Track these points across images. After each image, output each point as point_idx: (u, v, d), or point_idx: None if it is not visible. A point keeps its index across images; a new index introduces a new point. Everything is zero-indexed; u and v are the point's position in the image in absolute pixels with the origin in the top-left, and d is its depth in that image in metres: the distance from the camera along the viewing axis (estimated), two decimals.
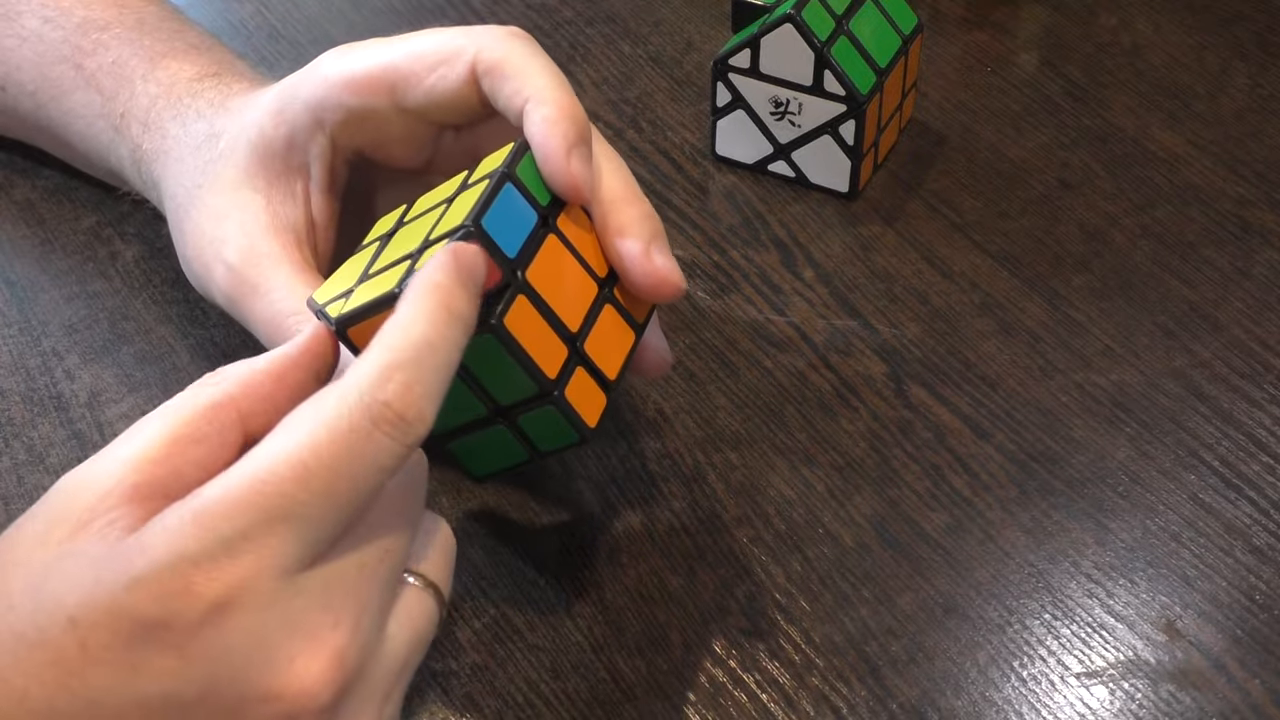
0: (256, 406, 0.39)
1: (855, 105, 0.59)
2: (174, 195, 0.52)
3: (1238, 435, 0.53)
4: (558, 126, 0.43)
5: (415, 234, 0.43)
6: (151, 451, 0.38)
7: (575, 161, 0.43)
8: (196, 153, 0.51)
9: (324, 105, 0.48)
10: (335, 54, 0.48)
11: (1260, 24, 0.72)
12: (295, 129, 0.49)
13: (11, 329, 0.57)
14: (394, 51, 0.47)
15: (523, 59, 0.45)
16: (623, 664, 0.46)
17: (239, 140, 0.50)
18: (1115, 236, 0.61)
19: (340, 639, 0.36)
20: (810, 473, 0.52)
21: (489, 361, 0.42)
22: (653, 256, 0.44)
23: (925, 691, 0.46)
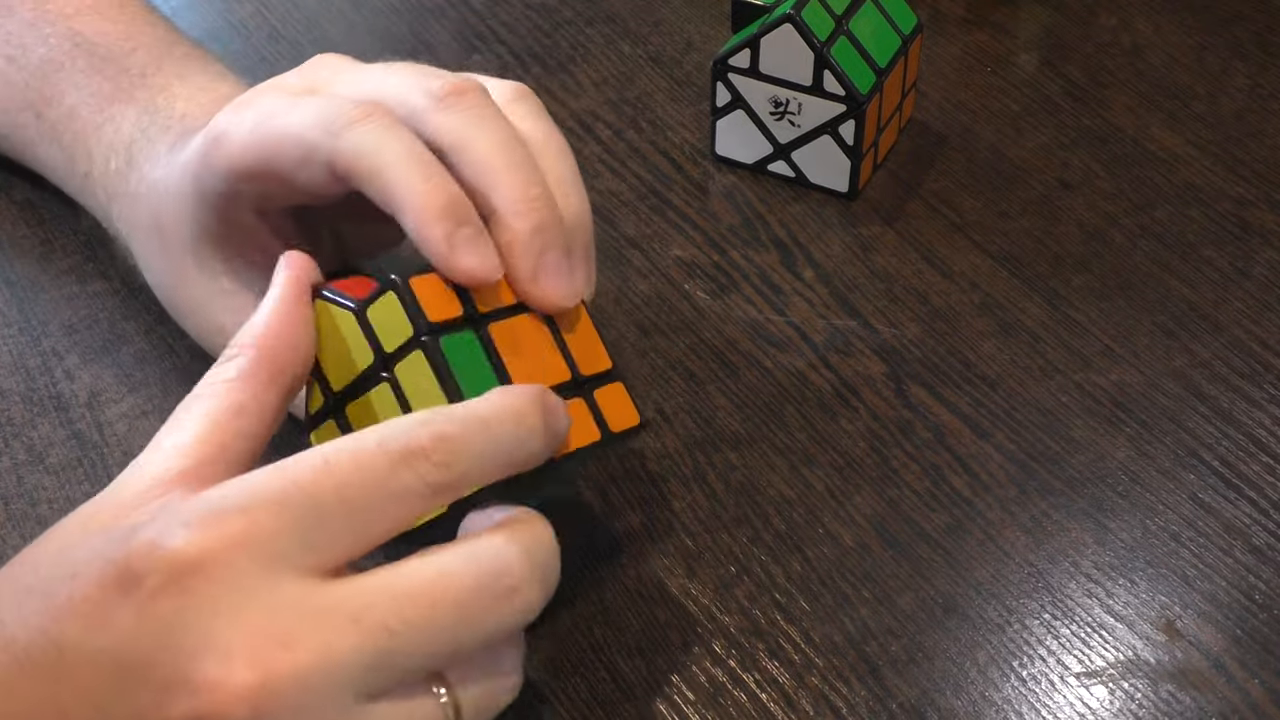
0: (284, 358, 0.40)
1: (855, 105, 0.59)
2: (156, 285, 0.52)
3: (1238, 435, 0.53)
4: (429, 231, 0.41)
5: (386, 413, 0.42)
6: (195, 434, 0.38)
7: (460, 259, 0.41)
8: (150, 241, 0.51)
9: (229, 192, 0.46)
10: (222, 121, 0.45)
11: (1260, 24, 0.72)
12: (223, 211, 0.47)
13: (11, 329, 0.57)
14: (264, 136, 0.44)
15: (372, 155, 0.42)
16: (623, 664, 0.46)
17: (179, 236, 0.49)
18: (1115, 236, 0.61)
19: (283, 662, 0.34)
20: (810, 473, 0.52)
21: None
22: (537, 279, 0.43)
23: (925, 691, 0.46)
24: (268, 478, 0.36)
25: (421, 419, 0.38)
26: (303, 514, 0.35)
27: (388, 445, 0.37)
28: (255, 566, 0.35)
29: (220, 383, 0.39)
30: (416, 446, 0.37)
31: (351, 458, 0.36)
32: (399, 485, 0.36)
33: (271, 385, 0.40)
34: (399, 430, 0.37)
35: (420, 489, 0.37)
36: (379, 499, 0.36)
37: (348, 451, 0.37)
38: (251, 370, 0.39)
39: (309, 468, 0.36)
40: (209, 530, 0.35)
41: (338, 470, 0.36)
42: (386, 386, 0.42)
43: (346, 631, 0.35)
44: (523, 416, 0.39)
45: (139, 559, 0.35)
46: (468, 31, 0.71)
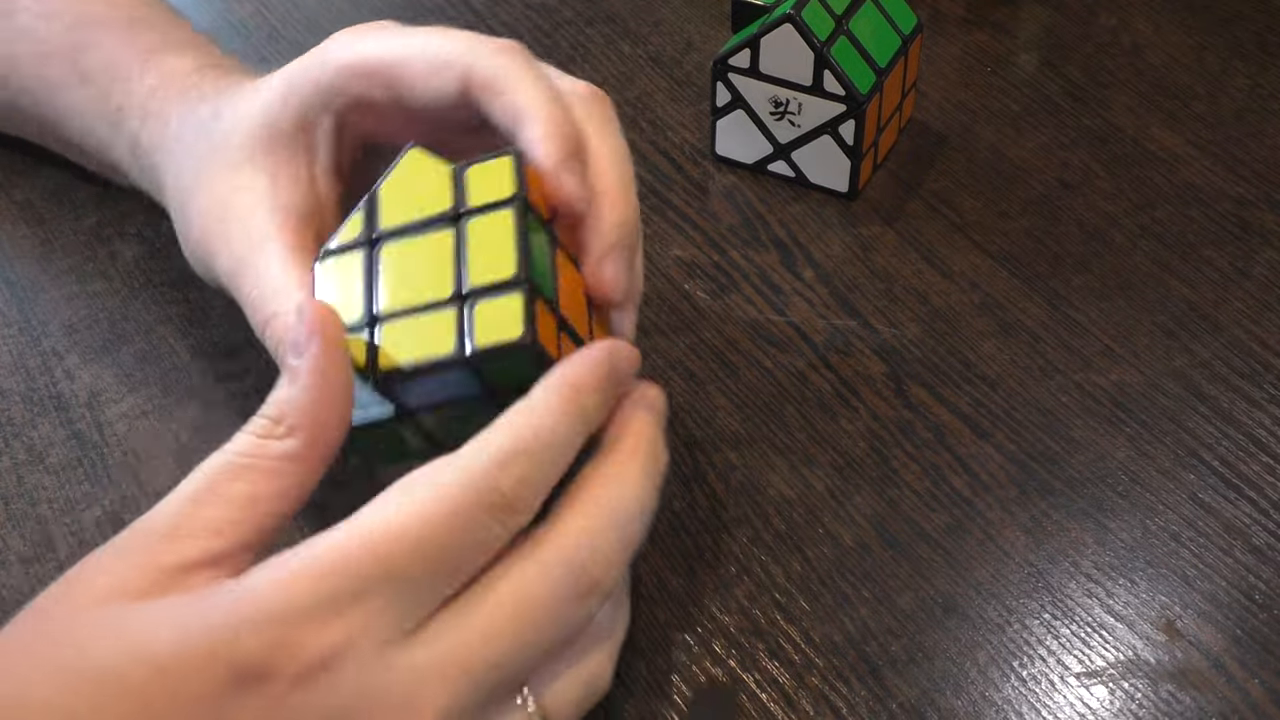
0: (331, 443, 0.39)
1: (855, 105, 0.59)
2: (177, 178, 0.52)
3: (1238, 435, 0.53)
4: (551, 142, 0.43)
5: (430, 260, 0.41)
6: (236, 515, 0.37)
7: (565, 176, 0.43)
8: (199, 136, 0.51)
9: (331, 89, 0.48)
10: (343, 38, 0.48)
11: (1260, 24, 0.72)
12: (303, 110, 0.48)
13: (11, 329, 0.57)
14: (395, 47, 0.47)
15: (515, 75, 0.45)
16: (623, 664, 0.46)
17: (244, 122, 0.49)
18: (1115, 236, 0.61)
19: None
20: (810, 473, 0.52)
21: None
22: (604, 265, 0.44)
23: (925, 691, 0.46)
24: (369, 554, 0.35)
25: (498, 459, 0.37)
26: (408, 590, 0.36)
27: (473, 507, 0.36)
28: (373, 646, 0.35)
29: (269, 459, 0.38)
30: (500, 500, 0.37)
31: (443, 523, 0.36)
32: (488, 538, 0.37)
33: (318, 470, 0.39)
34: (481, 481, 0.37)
35: (504, 535, 0.37)
36: (472, 554, 0.37)
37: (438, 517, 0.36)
38: (303, 455, 0.38)
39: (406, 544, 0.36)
40: (331, 626, 0.35)
41: (434, 541, 0.36)
42: (448, 235, 0.41)
43: (460, 682, 0.36)
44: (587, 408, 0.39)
45: (262, 654, 0.34)
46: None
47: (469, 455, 0.37)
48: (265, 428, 0.38)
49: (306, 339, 0.39)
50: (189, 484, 0.38)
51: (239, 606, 0.35)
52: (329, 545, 0.36)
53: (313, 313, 0.40)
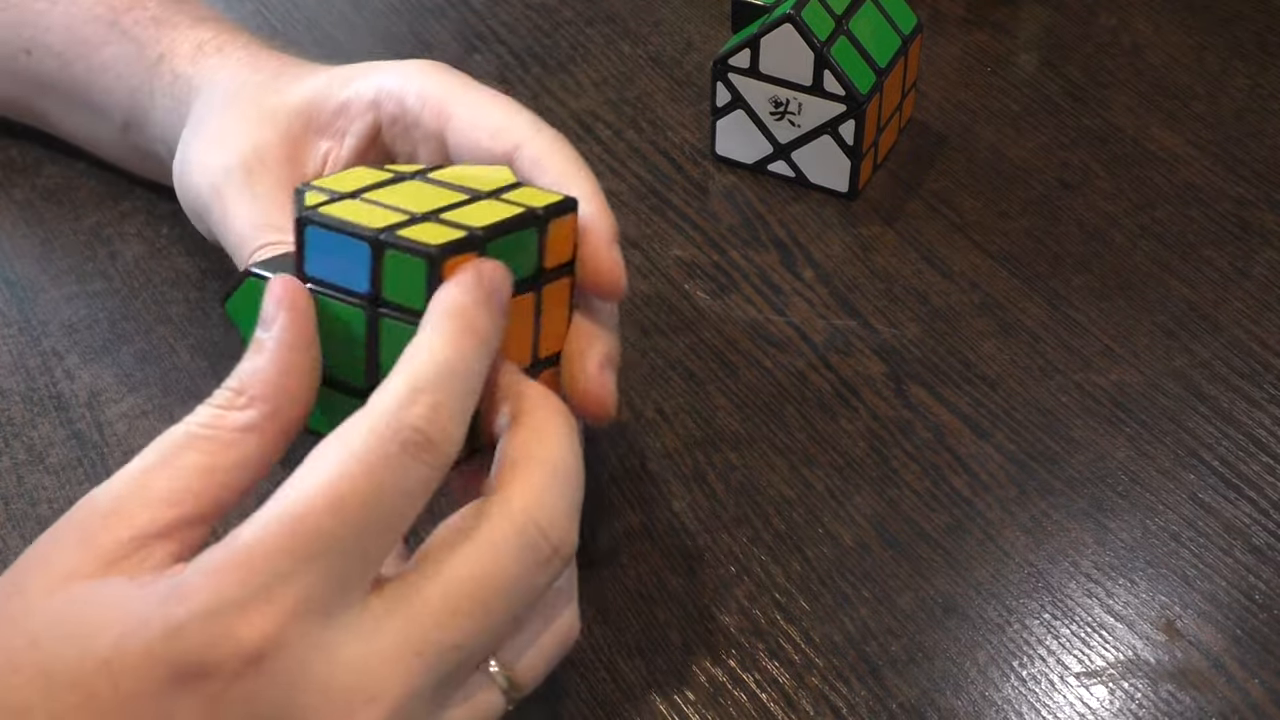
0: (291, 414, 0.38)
1: (855, 105, 0.59)
2: (216, 86, 0.53)
3: (1237, 435, 0.53)
4: (605, 219, 0.44)
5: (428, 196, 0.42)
6: (189, 486, 0.36)
7: (615, 254, 0.44)
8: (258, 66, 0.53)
9: (391, 95, 0.49)
10: (421, 65, 0.50)
11: (1260, 24, 0.72)
12: (353, 99, 0.50)
13: (11, 329, 0.57)
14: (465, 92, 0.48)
15: (567, 161, 0.46)
16: (623, 664, 0.46)
17: (296, 83, 0.51)
18: (1115, 236, 0.61)
19: (375, 715, 0.35)
20: (810, 473, 0.52)
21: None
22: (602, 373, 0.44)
23: (925, 691, 0.46)
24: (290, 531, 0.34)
25: (400, 397, 0.36)
26: (339, 558, 0.35)
27: (389, 450, 0.35)
28: (314, 627, 0.34)
29: (227, 430, 0.37)
30: (414, 435, 0.35)
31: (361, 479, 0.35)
32: (413, 481, 0.36)
33: (278, 443, 0.38)
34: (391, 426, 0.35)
35: (432, 474, 0.36)
36: (401, 505, 0.36)
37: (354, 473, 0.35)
38: (263, 426, 0.37)
39: (325, 509, 0.34)
40: (263, 616, 0.34)
41: (352, 499, 0.35)
42: None
43: (416, 666, 0.35)
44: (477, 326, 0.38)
45: (197, 652, 0.34)
46: (468, 31, 0.71)
47: (370, 404, 0.36)
48: (227, 399, 0.38)
49: (274, 311, 0.39)
50: (141, 456, 0.37)
51: (173, 603, 0.34)
52: (251, 531, 0.35)
53: (281, 286, 0.39)
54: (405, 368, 0.37)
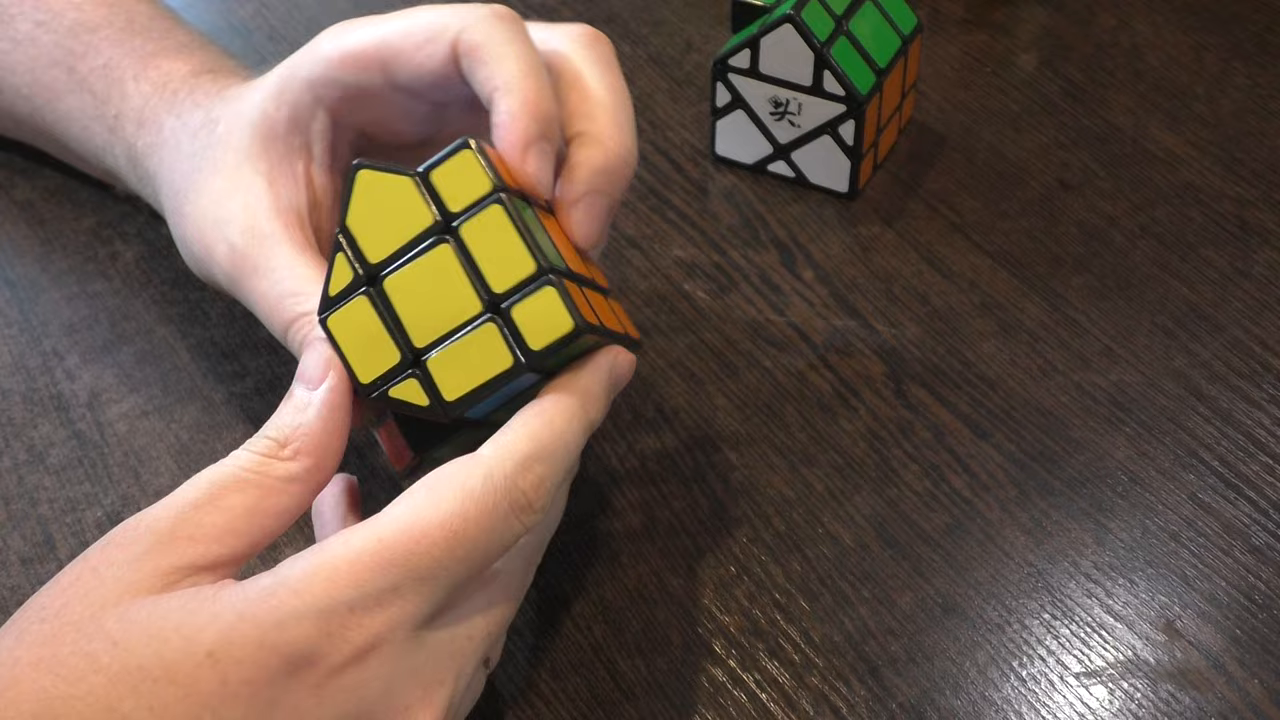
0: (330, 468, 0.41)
1: (855, 105, 0.59)
2: (171, 182, 0.52)
3: (1237, 435, 0.53)
4: (518, 122, 0.42)
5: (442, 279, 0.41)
6: (234, 524, 0.39)
7: (531, 160, 0.42)
8: (194, 139, 0.51)
9: (323, 82, 0.48)
10: (332, 31, 0.48)
11: (1260, 24, 0.72)
12: (297, 108, 0.48)
13: (12, 329, 0.57)
14: (387, 28, 0.47)
15: (501, 44, 0.44)
16: (623, 664, 0.47)
17: (239, 123, 0.50)
18: (1115, 236, 0.61)
19: (443, 698, 0.40)
20: (810, 473, 0.52)
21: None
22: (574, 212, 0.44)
23: (925, 691, 0.46)
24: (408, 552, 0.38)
25: (521, 463, 0.39)
26: (440, 584, 0.38)
27: (501, 507, 0.39)
28: (408, 636, 0.38)
29: (272, 478, 0.40)
30: (523, 499, 0.39)
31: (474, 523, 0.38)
32: (510, 536, 0.39)
33: (313, 494, 0.41)
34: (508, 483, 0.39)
35: (522, 530, 0.40)
36: (497, 552, 0.39)
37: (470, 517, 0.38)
38: (305, 479, 0.40)
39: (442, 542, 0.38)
40: (373, 618, 0.37)
41: (465, 540, 0.38)
42: (447, 248, 0.41)
43: (469, 651, 0.40)
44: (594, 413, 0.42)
45: (309, 643, 0.37)
46: None
47: (494, 460, 0.39)
48: (270, 448, 0.40)
49: (321, 372, 0.42)
50: (191, 490, 0.39)
51: (285, 599, 0.37)
52: (367, 540, 0.38)
53: (323, 349, 0.42)
54: (528, 433, 0.40)
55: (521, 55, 0.44)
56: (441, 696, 0.39)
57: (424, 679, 0.39)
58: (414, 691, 0.39)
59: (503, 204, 0.40)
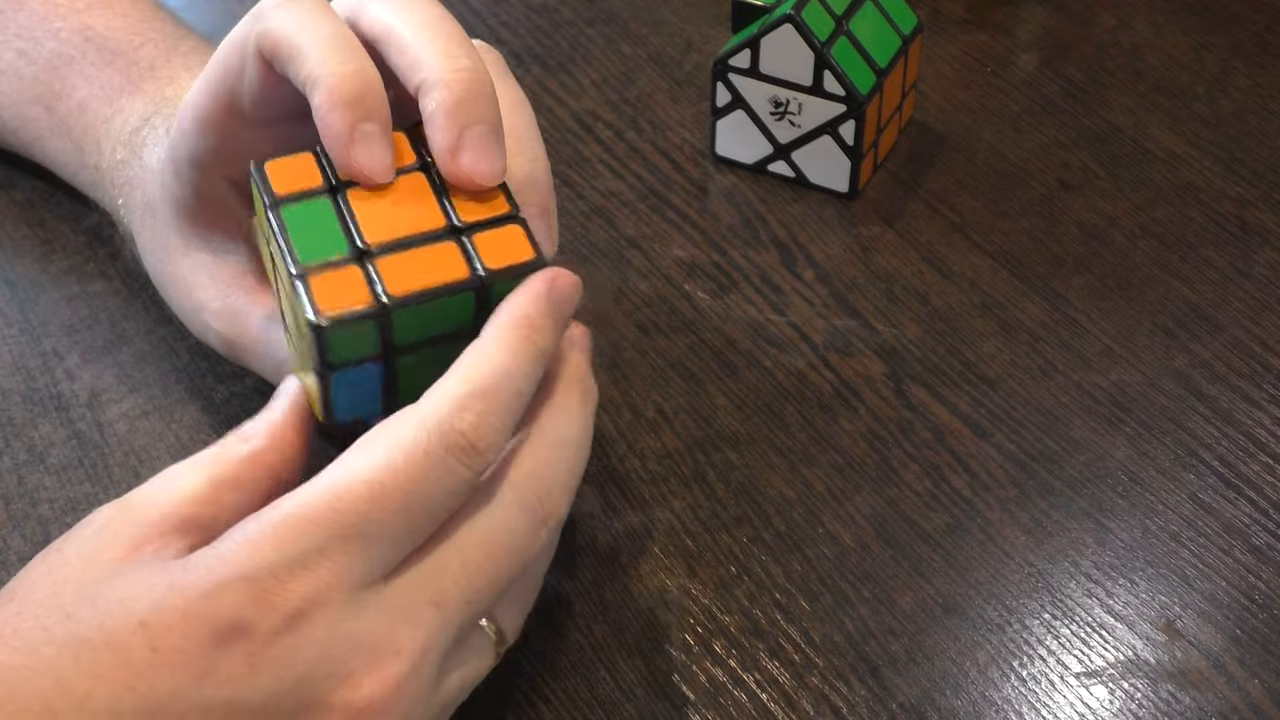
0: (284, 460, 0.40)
1: (855, 105, 0.59)
2: (149, 266, 0.53)
3: (1237, 435, 0.53)
4: (329, 115, 0.40)
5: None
6: (196, 492, 0.39)
7: (357, 152, 0.40)
8: (144, 222, 0.51)
9: (199, 153, 0.46)
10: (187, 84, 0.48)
11: (1260, 24, 0.72)
12: (196, 183, 0.47)
13: (12, 329, 0.57)
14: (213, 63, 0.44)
15: (290, 32, 0.41)
16: (623, 664, 0.47)
17: (163, 207, 0.50)
18: (1115, 236, 0.61)
19: (401, 667, 0.37)
20: (810, 473, 0.52)
21: None
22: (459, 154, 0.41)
23: (925, 691, 0.46)
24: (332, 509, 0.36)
25: (455, 402, 0.37)
26: (371, 542, 0.37)
27: (432, 449, 0.37)
28: (347, 596, 0.37)
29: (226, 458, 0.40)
30: (461, 440, 0.37)
31: (405, 472, 0.37)
32: (454, 481, 0.37)
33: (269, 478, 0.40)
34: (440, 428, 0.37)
35: (470, 476, 0.38)
36: (438, 501, 0.37)
37: (400, 466, 0.37)
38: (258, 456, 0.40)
39: (368, 494, 0.36)
40: (300, 582, 0.36)
41: (395, 492, 0.37)
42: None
43: (434, 620, 0.38)
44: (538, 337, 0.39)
45: (236, 610, 0.36)
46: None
47: (425, 402, 0.38)
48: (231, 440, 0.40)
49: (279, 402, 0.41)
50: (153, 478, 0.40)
51: (212, 567, 0.36)
52: (293, 504, 0.37)
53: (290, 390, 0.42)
54: (463, 370, 0.38)
55: (316, 37, 0.41)
56: (396, 666, 0.37)
57: (370, 645, 0.37)
58: (357, 658, 0.37)
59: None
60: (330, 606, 0.36)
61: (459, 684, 0.40)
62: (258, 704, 0.36)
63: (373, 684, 0.37)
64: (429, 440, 0.37)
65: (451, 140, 0.40)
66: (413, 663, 0.37)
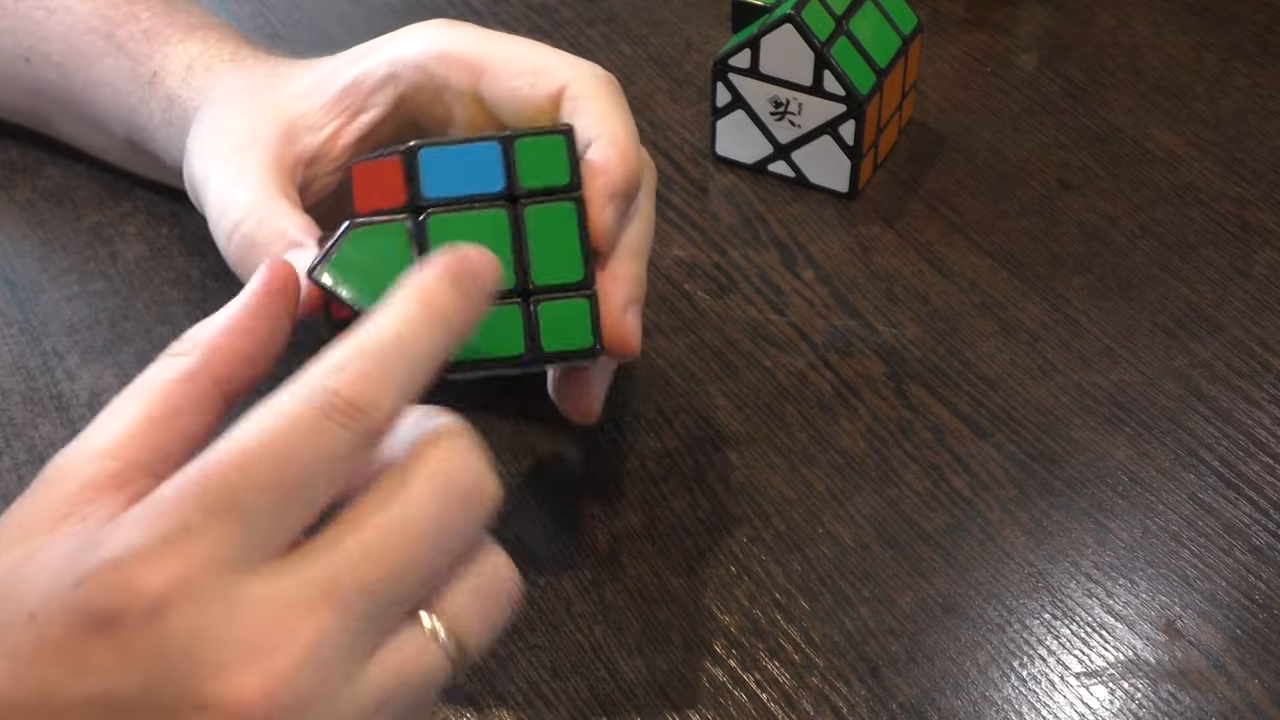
0: (230, 368, 0.38)
1: (855, 105, 0.59)
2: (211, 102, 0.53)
3: (1237, 435, 0.53)
4: (609, 174, 0.45)
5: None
6: (129, 435, 0.37)
7: (608, 210, 0.45)
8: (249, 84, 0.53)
9: (409, 63, 0.50)
10: (438, 25, 0.51)
11: (1260, 24, 0.72)
12: (363, 77, 0.50)
13: (12, 329, 0.57)
14: (494, 44, 0.49)
15: (608, 102, 0.47)
16: (623, 664, 0.47)
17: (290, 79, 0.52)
18: (1115, 236, 0.61)
19: (283, 661, 0.34)
20: (810, 473, 0.52)
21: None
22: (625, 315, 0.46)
23: (925, 691, 0.46)
24: (198, 485, 0.34)
25: (335, 364, 0.35)
26: (244, 517, 0.34)
27: (305, 411, 0.35)
28: (220, 579, 0.34)
29: (160, 381, 0.38)
30: (338, 400, 0.35)
31: (275, 437, 0.34)
32: (332, 445, 0.35)
33: (212, 391, 0.38)
34: (314, 388, 0.35)
35: (353, 439, 0.35)
36: (316, 468, 0.35)
37: (270, 432, 0.34)
38: (192, 373, 0.38)
39: (236, 464, 0.34)
40: (163, 564, 0.33)
41: (266, 460, 0.34)
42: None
43: (325, 610, 0.34)
44: (434, 302, 0.37)
45: (103, 600, 0.33)
46: None
47: (304, 372, 0.36)
48: (173, 348, 0.39)
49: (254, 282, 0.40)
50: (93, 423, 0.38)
51: (85, 552, 0.34)
52: (170, 484, 0.34)
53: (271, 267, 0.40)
54: (347, 337, 0.36)
55: (624, 117, 0.48)
56: (280, 660, 0.33)
57: (246, 636, 0.33)
58: (231, 650, 0.33)
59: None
60: (200, 591, 0.33)
61: (388, 685, 0.35)
62: (136, 698, 0.34)
63: (253, 678, 0.33)
64: (301, 403, 0.35)
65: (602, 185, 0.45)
66: (303, 656, 0.34)
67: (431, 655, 0.36)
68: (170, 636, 0.34)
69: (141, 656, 0.34)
